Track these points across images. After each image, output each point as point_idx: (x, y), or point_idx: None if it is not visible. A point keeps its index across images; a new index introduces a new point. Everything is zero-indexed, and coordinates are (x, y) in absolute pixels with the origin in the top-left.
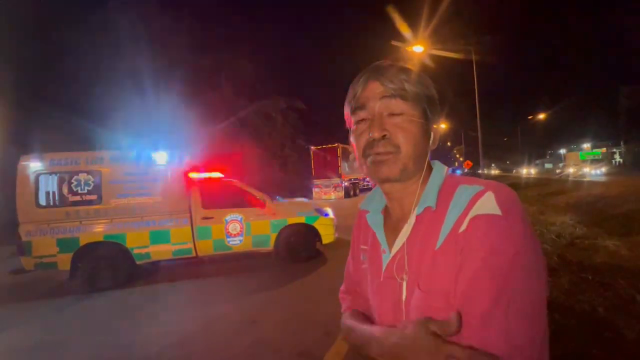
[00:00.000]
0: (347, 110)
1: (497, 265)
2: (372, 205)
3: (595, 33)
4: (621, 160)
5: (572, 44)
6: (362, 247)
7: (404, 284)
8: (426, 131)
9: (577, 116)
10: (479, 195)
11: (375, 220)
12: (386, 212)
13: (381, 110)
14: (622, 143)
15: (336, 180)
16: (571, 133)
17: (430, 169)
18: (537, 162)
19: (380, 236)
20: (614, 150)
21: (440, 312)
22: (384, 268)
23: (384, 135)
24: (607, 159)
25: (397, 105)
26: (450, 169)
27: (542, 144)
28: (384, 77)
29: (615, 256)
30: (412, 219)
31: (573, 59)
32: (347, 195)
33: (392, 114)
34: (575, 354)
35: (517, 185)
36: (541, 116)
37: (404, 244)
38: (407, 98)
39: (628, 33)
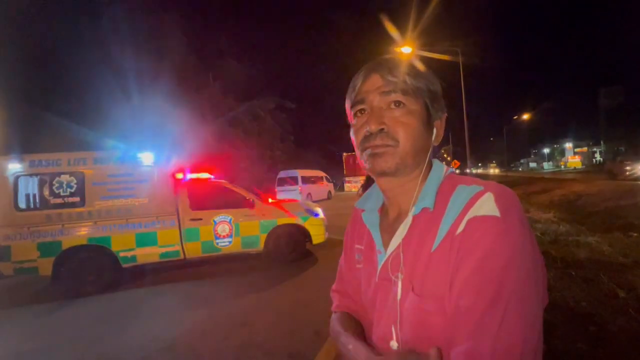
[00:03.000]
0: (347, 105)
1: (493, 268)
2: (369, 204)
3: (576, 36)
4: (601, 159)
5: (554, 47)
6: (357, 246)
7: (399, 282)
8: (427, 126)
9: (559, 117)
10: (477, 196)
11: (371, 220)
12: (383, 211)
13: (380, 104)
14: (602, 142)
15: (363, 178)
16: (554, 133)
17: (430, 166)
18: (522, 161)
19: (376, 236)
20: (595, 149)
21: (433, 316)
22: (379, 269)
23: (382, 129)
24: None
25: (397, 98)
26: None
27: (526, 144)
28: (384, 70)
29: None
30: (408, 220)
31: (555, 62)
32: None
33: (391, 108)
34: (560, 348)
35: None
36: (525, 117)
37: (399, 244)
38: (408, 92)
39: (608, 37)
